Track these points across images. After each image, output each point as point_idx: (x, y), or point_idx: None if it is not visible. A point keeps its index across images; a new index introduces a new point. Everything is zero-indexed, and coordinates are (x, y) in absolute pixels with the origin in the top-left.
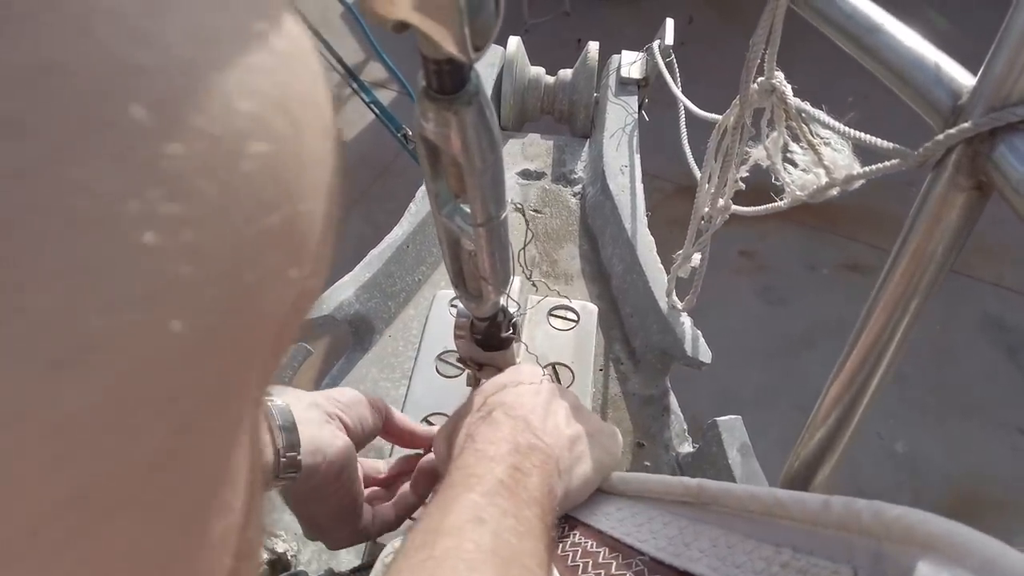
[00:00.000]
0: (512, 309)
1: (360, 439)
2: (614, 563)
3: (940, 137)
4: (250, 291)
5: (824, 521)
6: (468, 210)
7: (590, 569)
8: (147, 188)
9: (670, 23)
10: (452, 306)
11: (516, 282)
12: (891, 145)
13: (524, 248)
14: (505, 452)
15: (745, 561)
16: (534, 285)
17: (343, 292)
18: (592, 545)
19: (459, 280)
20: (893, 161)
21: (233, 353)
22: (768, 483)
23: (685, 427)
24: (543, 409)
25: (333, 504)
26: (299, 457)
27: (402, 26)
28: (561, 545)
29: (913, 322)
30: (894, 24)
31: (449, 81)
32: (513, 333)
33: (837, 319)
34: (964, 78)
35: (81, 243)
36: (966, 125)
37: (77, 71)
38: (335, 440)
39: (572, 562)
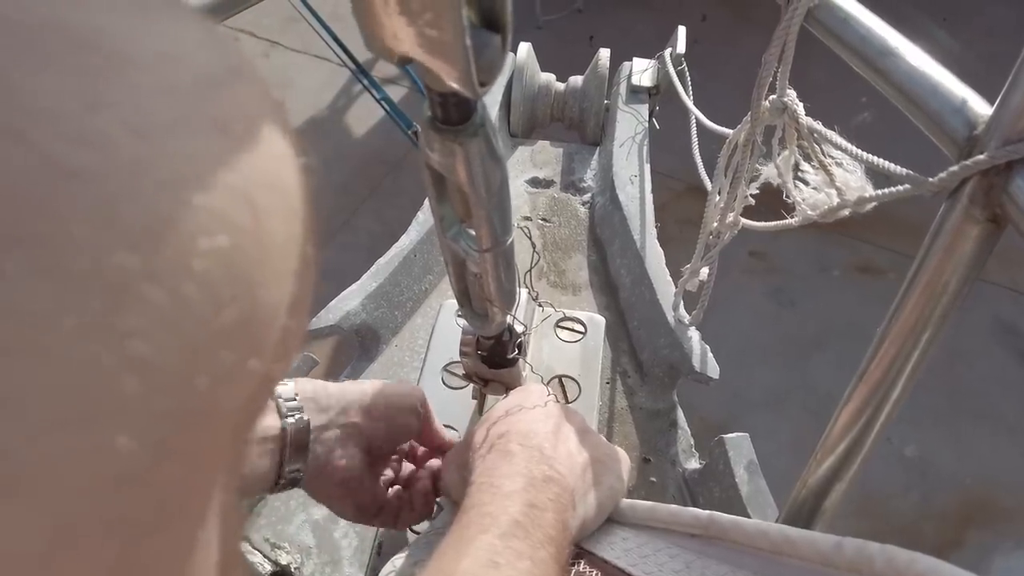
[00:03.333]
0: (519, 329)
1: (388, 445)
2: None
3: (955, 168)
4: (205, 394)
5: (836, 563)
6: (473, 234)
7: None
8: (85, 302)
9: (682, 31)
10: (459, 316)
11: (522, 296)
12: (904, 171)
13: (531, 270)
14: (520, 487)
15: None
16: (540, 306)
17: (349, 302)
18: (597, 575)
19: (464, 299)
20: (906, 186)
21: (189, 456)
22: (777, 497)
23: (692, 442)
24: (554, 435)
25: (345, 505)
26: (301, 473)
27: (407, 59)
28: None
29: (924, 355)
30: (909, 48)
31: (455, 113)
32: (519, 353)
33: (848, 321)
34: (980, 107)
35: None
36: (981, 157)
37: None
38: (350, 462)
39: None
